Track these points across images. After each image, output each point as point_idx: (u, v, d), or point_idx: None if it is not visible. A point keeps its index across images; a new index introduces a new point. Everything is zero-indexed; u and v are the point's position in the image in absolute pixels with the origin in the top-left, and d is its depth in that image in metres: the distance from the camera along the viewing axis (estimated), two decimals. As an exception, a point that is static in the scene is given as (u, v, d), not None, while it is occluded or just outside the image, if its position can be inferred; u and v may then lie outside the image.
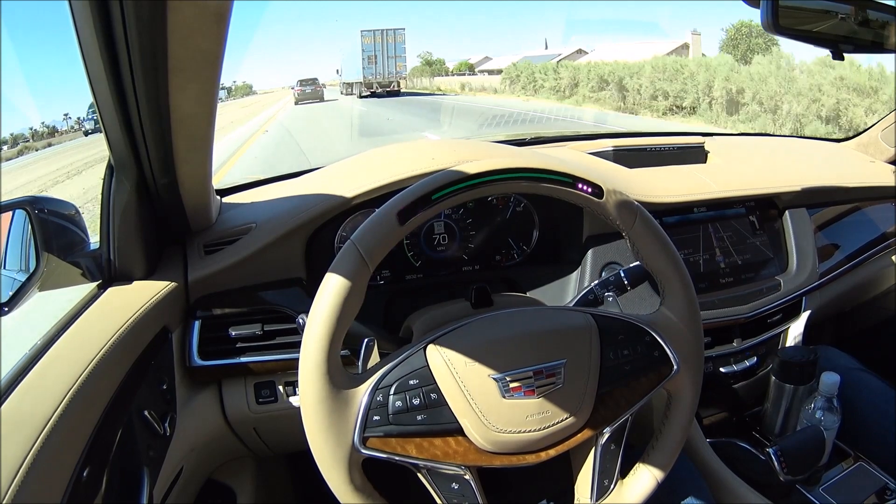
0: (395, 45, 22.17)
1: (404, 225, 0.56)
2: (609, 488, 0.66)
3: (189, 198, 0.79)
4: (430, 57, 38.66)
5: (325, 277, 0.55)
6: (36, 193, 1.00)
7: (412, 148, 0.99)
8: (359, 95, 22.65)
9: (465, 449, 0.58)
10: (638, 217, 0.63)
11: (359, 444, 0.55)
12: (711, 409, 1.13)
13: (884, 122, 1.41)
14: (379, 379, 0.56)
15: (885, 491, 0.96)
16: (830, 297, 1.21)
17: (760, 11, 0.81)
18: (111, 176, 0.72)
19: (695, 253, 1.10)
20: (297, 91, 21.30)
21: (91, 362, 0.60)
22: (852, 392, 1.05)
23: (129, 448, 0.64)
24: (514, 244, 1.04)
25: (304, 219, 0.87)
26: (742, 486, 0.94)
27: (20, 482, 0.46)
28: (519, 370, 0.58)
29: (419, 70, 34.71)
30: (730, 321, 1.06)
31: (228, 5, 0.48)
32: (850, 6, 0.86)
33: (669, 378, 0.65)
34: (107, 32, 0.51)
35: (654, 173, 1.13)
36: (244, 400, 0.90)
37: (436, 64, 37.91)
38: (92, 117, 16.06)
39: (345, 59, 24.83)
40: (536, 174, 0.60)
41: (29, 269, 0.74)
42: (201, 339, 0.84)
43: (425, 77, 32.65)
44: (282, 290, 0.87)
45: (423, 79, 32.27)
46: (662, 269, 0.66)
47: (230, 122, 15.62)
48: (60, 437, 0.51)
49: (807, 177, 1.21)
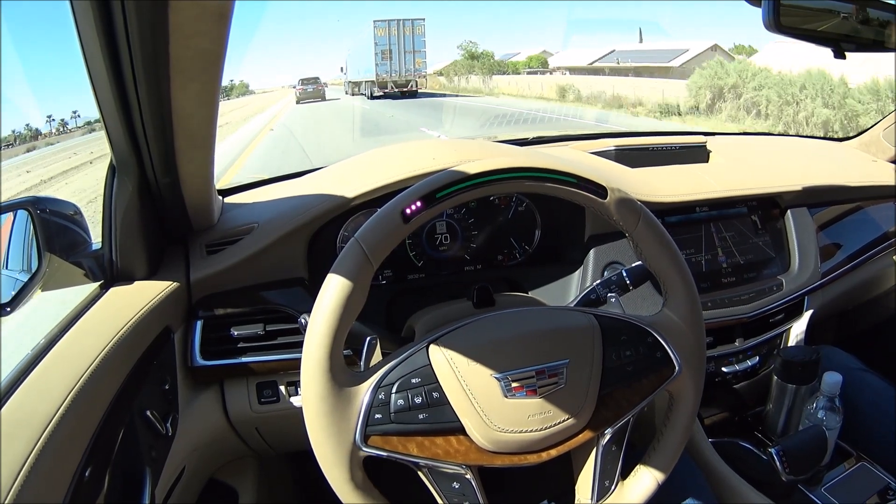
0: (414, 38, 18.78)
1: (408, 224, 0.56)
2: (610, 489, 0.66)
3: (191, 197, 0.79)
4: (475, 48, 29.00)
5: (329, 275, 0.55)
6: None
7: (414, 147, 0.99)
8: (369, 96, 19.72)
9: (466, 448, 0.58)
10: (641, 217, 0.63)
11: (360, 442, 0.55)
12: (713, 409, 1.13)
13: (886, 122, 1.41)
14: (381, 377, 0.56)
15: (888, 491, 0.96)
16: (832, 297, 1.21)
17: (762, 10, 0.81)
18: (113, 176, 0.72)
19: (697, 252, 1.09)
20: (298, 90, 21.13)
21: (93, 362, 0.60)
22: (854, 392, 1.05)
23: (132, 448, 0.64)
24: (516, 244, 1.04)
25: (306, 218, 0.87)
26: (744, 486, 0.94)
27: (22, 482, 0.46)
28: (521, 370, 0.58)
29: (462, 66, 26.92)
30: (732, 321, 1.06)
31: (230, 5, 0.48)
32: (851, 5, 0.85)
33: (671, 379, 0.65)
34: (108, 32, 0.51)
35: (656, 173, 1.13)
36: (246, 400, 0.90)
37: (483, 57, 28.50)
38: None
39: (351, 55, 22.47)
40: (540, 174, 0.60)
41: (31, 270, 0.74)
42: (203, 339, 0.84)
43: (474, 74, 24.99)
44: (284, 290, 0.87)
45: (471, 77, 24.81)
46: (665, 269, 0.66)
47: (226, 122, 15.32)
48: (62, 437, 0.51)
49: (809, 176, 1.20)
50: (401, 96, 18.66)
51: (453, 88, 24.78)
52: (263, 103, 24.70)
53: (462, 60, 28.27)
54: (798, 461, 0.89)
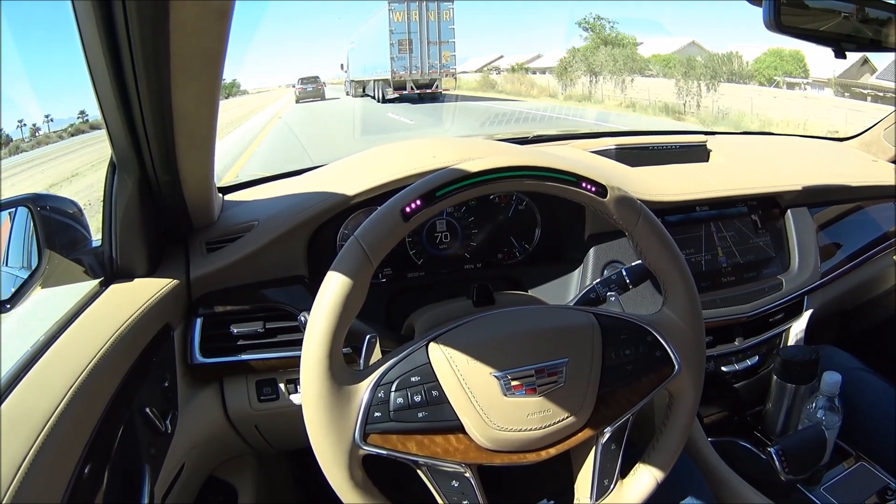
0: (440, 25, 13.86)
1: (408, 222, 0.56)
2: (609, 488, 0.66)
3: (191, 195, 0.79)
4: (604, 27, 17.40)
5: (329, 273, 0.55)
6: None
7: (414, 146, 0.99)
8: (380, 99, 15.07)
9: (465, 447, 0.58)
10: (641, 216, 0.63)
11: (360, 440, 0.55)
12: (713, 408, 1.13)
13: (886, 121, 1.41)
14: (380, 375, 0.56)
15: (887, 491, 0.96)
16: (832, 297, 1.21)
17: (763, 10, 0.81)
18: (113, 173, 0.72)
19: (697, 252, 1.10)
20: (298, 89, 20.88)
21: (93, 360, 0.60)
22: (854, 391, 1.05)
23: (131, 445, 0.64)
24: (515, 242, 1.04)
25: (307, 216, 0.87)
26: (743, 486, 0.94)
27: (21, 479, 0.46)
28: (520, 368, 0.58)
29: (589, 56, 16.25)
30: (731, 320, 1.06)
31: (230, 3, 0.48)
32: (852, 5, 0.85)
33: (671, 378, 0.65)
34: (109, 30, 0.51)
35: (656, 172, 1.13)
36: (245, 397, 0.90)
37: (620, 44, 16.98)
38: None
39: (354, 50, 17.78)
40: (540, 173, 0.60)
41: (31, 267, 0.74)
42: (203, 337, 0.84)
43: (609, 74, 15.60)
44: (284, 287, 0.87)
45: (598, 79, 15.67)
46: (665, 268, 0.66)
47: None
48: (62, 435, 0.52)
49: (809, 176, 1.20)
50: (419, 100, 14.40)
51: (569, 97, 15.55)
52: (260, 104, 23.52)
53: (590, 44, 16.73)
54: (797, 461, 0.89)
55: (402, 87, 14.26)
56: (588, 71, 16.32)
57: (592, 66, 16.21)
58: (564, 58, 17.58)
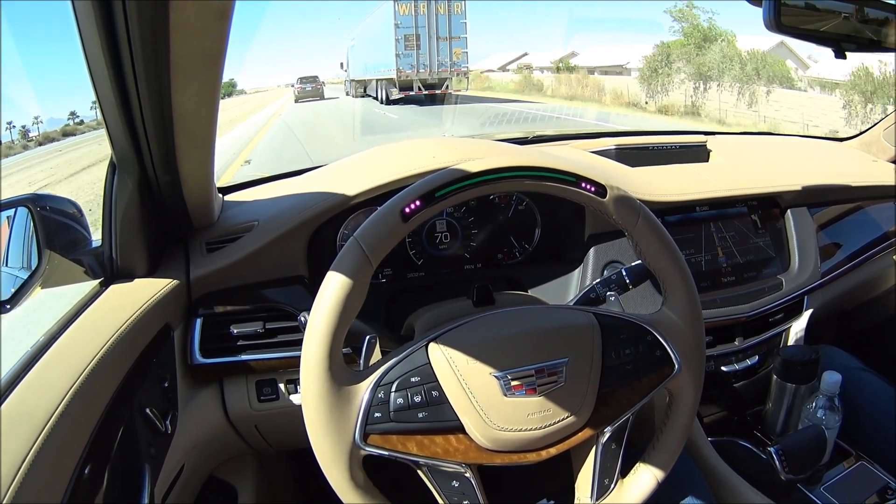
0: (450, 19, 12.45)
1: (407, 222, 0.56)
2: (609, 487, 0.66)
3: (191, 195, 0.79)
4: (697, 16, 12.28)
5: (328, 274, 0.55)
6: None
7: (414, 146, 0.99)
8: (384, 100, 13.91)
9: (465, 447, 0.58)
10: (641, 216, 0.63)
11: (360, 440, 0.55)
12: (713, 408, 1.13)
13: (886, 122, 1.41)
14: (380, 376, 0.56)
15: (887, 490, 0.96)
16: (832, 297, 1.21)
17: (763, 10, 0.81)
18: (113, 173, 0.72)
19: (697, 252, 1.10)
20: (297, 89, 20.80)
21: (93, 360, 0.60)
22: (854, 391, 1.05)
23: (131, 446, 0.64)
24: (515, 243, 1.04)
25: (306, 217, 0.87)
26: (743, 485, 0.94)
27: (21, 480, 0.46)
28: (520, 368, 0.58)
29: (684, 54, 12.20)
30: (731, 320, 1.06)
31: (230, 3, 0.48)
32: (852, 5, 0.85)
33: (671, 378, 0.65)
34: (109, 30, 0.51)
35: (656, 172, 1.13)
36: (245, 398, 0.90)
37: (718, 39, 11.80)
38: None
39: (355, 47, 16.60)
40: (540, 173, 0.60)
41: (31, 267, 0.74)
42: (203, 337, 0.84)
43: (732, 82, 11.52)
44: (283, 288, 0.87)
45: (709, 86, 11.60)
46: (665, 268, 0.66)
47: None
48: (62, 435, 0.52)
49: (809, 176, 1.20)
50: (428, 101, 13.04)
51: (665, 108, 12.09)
52: (258, 104, 23.17)
53: (680, 42, 12.53)
54: (797, 460, 0.89)
55: (408, 87, 12.96)
56: (696, 75, 11.99)
57: (702, 68, 11.82)
58: (652, 55, 13.10)
